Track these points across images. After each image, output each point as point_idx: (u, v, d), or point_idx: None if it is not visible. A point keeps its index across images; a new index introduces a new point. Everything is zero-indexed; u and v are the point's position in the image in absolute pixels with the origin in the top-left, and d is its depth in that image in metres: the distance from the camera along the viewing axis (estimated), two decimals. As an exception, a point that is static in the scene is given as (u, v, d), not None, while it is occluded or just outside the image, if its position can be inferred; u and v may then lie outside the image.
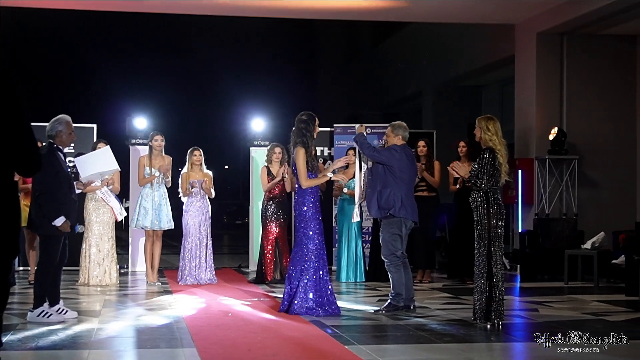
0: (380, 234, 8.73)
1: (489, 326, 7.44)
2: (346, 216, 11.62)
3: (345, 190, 11.72)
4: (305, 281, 8.21)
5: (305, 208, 8.31)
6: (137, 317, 8.14)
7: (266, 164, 11.76)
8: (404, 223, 8.57)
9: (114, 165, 9.81)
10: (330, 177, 8.79)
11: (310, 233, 8.28)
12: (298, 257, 8.29)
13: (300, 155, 8.28)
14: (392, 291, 8.54)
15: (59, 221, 7.65)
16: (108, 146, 10.22)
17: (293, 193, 9.01)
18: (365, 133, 8.75)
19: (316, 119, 8.47)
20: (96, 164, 9.42)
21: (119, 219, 11.32)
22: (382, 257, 8.66)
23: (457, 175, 7.93)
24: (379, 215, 8.61)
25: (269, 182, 11.62)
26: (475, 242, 7.59)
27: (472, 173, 7.62)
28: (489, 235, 7.49)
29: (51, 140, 7.82)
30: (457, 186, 11.53)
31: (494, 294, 7.47)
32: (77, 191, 8.06)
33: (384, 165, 8.54)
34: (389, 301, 8.58)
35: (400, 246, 8.56)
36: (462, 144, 11.69)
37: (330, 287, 8.37)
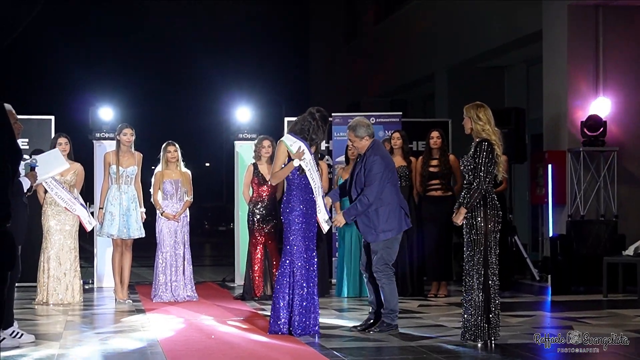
0: (371, 247, 8.60)
1: (480, 345, 7.46)
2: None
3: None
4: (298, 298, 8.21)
5: (288, 213, 8.28)
6: (104, 340, 8.12)
7: (254, 161, 11.71)
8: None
9: (64, 164, 9.70)
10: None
11: (291, 239, 8.26)
12: (283, 270, 8.28)
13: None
14: (383, 307, 8.52)
15: (25, 184, 7.69)
16: (56, 149, 10.17)
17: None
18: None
19: (328, 123, 8.52)
20: (45, 167, 9.28)
21: (89, 229, 11.28)
22: (372, 270, 8.54)
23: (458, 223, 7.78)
24: (380, 239, 8.51)
25: (253, 184, 11.53)
26: (468, 249, 7.57)
27: (465, 170, 7.60)
28: (485, 242, 7.46)
29: None
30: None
31: (491, 308, 7.46)
32: (26, 186, 7.95)
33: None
34: (381, 319, 8.54)
35: (395, 254, 8.60)
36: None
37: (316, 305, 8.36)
